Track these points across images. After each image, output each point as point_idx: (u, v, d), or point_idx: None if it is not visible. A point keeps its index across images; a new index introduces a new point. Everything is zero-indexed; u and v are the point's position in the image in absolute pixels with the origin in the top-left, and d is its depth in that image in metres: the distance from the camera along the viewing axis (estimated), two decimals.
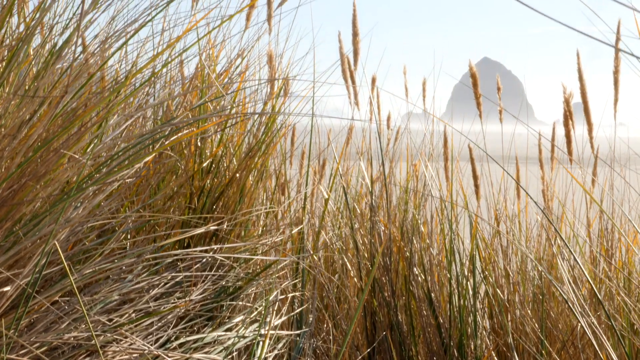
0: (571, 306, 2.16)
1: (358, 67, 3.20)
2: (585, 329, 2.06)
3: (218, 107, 2.23)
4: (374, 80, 3.40)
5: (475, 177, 3.09)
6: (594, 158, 3.17)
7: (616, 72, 3.02)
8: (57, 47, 1.98)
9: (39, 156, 1.87)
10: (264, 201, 2.52)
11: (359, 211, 2.92)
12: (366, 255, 2.84)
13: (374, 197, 2.88)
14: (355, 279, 2.87)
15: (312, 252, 2.82)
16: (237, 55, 2.68)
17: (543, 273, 2.65)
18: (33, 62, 2.05)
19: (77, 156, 1.86)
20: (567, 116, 3.09)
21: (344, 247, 2.96)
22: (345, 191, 2.90)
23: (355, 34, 3.06)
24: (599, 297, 1.99)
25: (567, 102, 3.09)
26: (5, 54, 1.94)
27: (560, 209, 3.19)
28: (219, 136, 2.33)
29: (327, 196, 2.91)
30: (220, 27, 2.30)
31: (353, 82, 3.23)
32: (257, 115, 2.34)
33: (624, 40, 2.64)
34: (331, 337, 2.79)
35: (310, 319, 2.59)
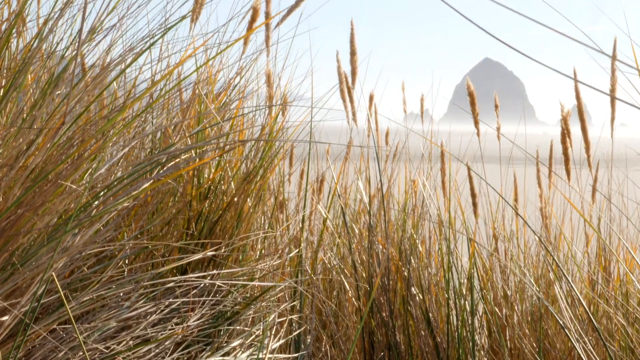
0: (567, 333, 2.17)
1: (356, 85, 3.22)
2: (581, 354, 2.07)
3: (216, 133, 2.23)
4: (371, 98, 3.41)
5: (473, 195, 3.10)
6: (594, 167, 3.19)
7: (612, 91, 3.03)
8: (55, 76, 1.98)
9: (36, 187, 1.87)
10: (262, 224, 2.53)
11: (357, 231, 2.93)
12: (364, 275, 2.85)
13: (372, 217, 2.89)
14: (354, 299, 2.88)
15: (310, 273, 2.82)
16: (236, 73, 2.70)
17: (540, 296, 2.65)
18: (32, 91, 2.06)
19: (74, 186, 1.87)
20: (565, 134, 3.10)
21: (342, 266, 2.96)
22: (343, 211, 2.91)
23: (353, 53, 3.07)
24: (595, 324, 1.99)
25: (564, 120, 3.10)
26: (3, 83, 1.95)
27: (561, 218, 3.20)
28: (216, 159, 2.34)
29: (325, 215, 2.92)
30: (218, 51, 2.31)
31: (351, 100, 3.25)
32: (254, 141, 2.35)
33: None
34: (329, 358, 2.80)
35: (309, 340, 2.60)
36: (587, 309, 2.14)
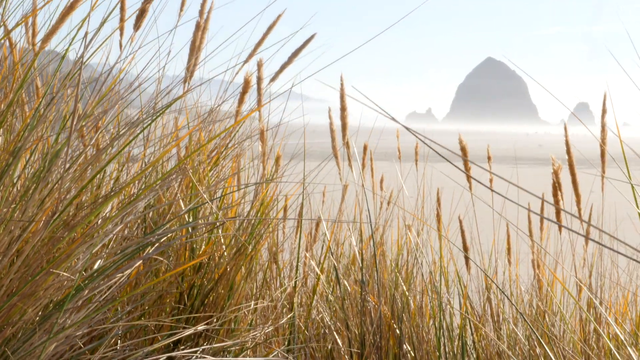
0: None
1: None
2: None
3: (207, 212, 2.27)
4: (365, 148, 3.45)
5: (465, 249, 3.13)
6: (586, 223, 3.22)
7: (603, 144, 3.06)
8: (48, 162, 2.02)
9: (28, 275, 1.91)
10: (254, 290, 2.56)
11: (349, 288, 2.96)
12: (356, 332, 2.88)
13: (364, 274, 2.92)
14: (346, 356, 2.91)
15: (303, 330, 2.85)
16: (227, 134, 2.73)
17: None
18: (25, 174, 2.09)
19: (66, 274, 1.91)
20: (556, 187, 3.13)
21: (334, 320, 2.99)
22: (336, 268, 2.94)
23: (343, 109, 3.11)
24: None
25: (555, 173, 3.12)
26: None
27: (556, 255, 3.22)
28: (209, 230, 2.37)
29: (318, 272, 2.95)
30: (207, 140, 2.34)
31: (348, 147, 3.29)
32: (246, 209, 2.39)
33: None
34: None
35: None
36: None
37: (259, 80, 2.70)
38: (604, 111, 3.11)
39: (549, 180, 3.30)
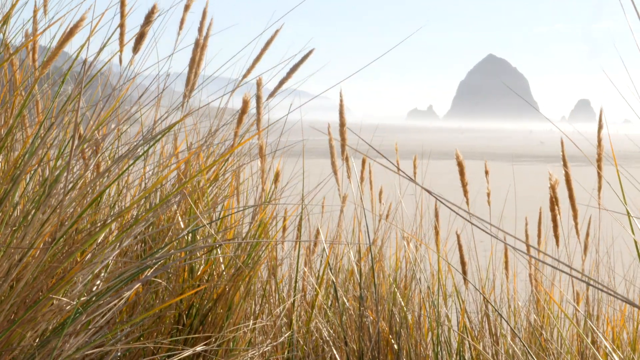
0: None
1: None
2: None
3: (205, 234, 2.30)
4: (364, 162, 3.47)
5: (463, 264, 3.15)
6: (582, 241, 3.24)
7: (599, 160, 3.07)
8: (48, 186, 2.04)
9: (28, 300, 1.94)
10: (253, 307, 2.58)
11: (347, 304, 2.98)
12: (355, 347, 2.90)
13: (362, 290, 2.94)
14: None
15: (302, 345, 2.87)
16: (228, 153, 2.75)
17: None
18: (25, 199, 2.12)
19: (65, 299, 1.93)
20: (553, 202, 3.15)
21: (333, 334, 3.01)
22: (335, 284, 2.96)
23: (342, 125, 3.13)
24: None
25: (552, 188, 3.14)
26: None
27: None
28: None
29: (317, 289, 2.97)
30: (203, 168, 2.37)
31: (347, 160, 3.31)
32: (245, 228, 2.41)
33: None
34: None
35: None
36: None
37: (258, 99, 2.72)
38: (600, 126, 3.13)
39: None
